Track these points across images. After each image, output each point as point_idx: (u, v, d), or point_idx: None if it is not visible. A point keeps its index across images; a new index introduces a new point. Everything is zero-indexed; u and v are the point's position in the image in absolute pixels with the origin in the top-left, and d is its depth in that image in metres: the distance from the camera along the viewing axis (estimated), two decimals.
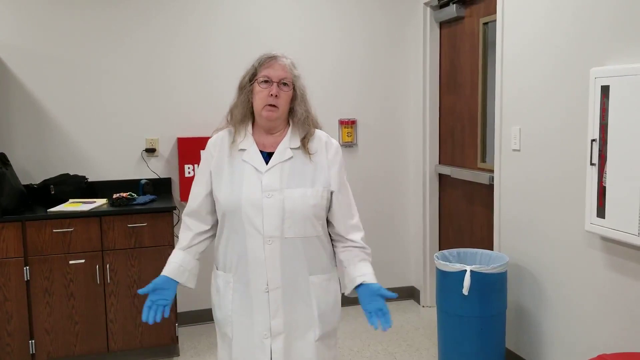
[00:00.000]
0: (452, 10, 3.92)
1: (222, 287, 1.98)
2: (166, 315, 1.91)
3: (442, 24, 4.23)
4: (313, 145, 1.96)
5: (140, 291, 1.89)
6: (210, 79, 4.01)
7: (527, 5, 3.08)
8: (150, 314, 1.87)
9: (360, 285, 1.94)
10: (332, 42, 4.27)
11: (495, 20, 3.41)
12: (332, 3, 4.25)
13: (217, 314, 2.03)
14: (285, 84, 1.90)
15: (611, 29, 2.54)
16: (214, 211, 2.01)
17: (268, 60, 1.93)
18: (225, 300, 1.97)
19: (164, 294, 1.92)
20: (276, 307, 1.90)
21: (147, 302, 1.89)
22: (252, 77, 1.94)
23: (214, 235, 2.05)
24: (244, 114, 1.96)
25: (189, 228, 2.02)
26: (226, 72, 3.93)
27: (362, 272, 1.96)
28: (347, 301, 4.46)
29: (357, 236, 2.01)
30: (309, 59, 4.20)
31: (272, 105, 1.88)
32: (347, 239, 1.99)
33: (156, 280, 1.92)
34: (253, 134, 1.97)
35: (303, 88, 1.97)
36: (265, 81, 1.89)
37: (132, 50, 3.91)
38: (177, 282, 1.97)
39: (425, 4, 4.20)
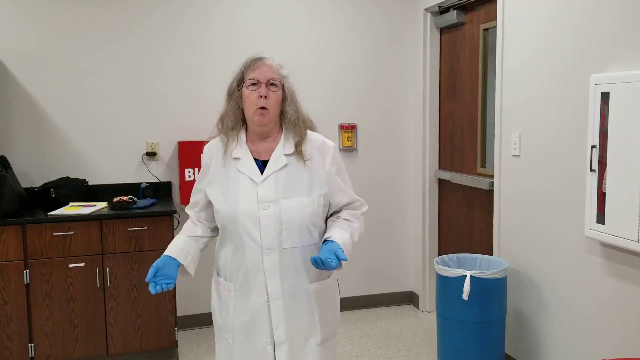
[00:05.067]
0: (452, 16, 3.94)
1: (223, 294, 1.98)
2: (170, 288, 1.82)
3: (443, 30, 4.25)
4: (307, 149, 1.93)
5: (147, 279, 1.79)
6: (210, 83, 4.01)
7: (528, 11, 3.10)
8: (157, 289, 1.79)
9: (325, 242, 1.88)
10: (332, 47, 4.28)
11: (495, 26, 3.42)
12: (333, 8, 4.26)
13: (217, 319, 2.02)
14: (273, 84, 1.89)
15: (612, 35, 2.55)
16: (211, 219, 2.03)
17: (254, 62, 1.91)
18: (226, 307, 1.97)
19: (168, 274, 1.84)
20: (278, 317, 1.90)
21: (151, 284, 1.80)
22: (239, 82, 1.92)
23: (212, 238, 2.07)
24: (235, 121, 1.94)
25: (195, 224, 2.04)
26: (227, 76, 3.93)
27: (330, 234, 1.89)
28: (347, 306, 4.49)
29: (350, 212, 2.02)
30: (310, 64, 4.21)
31: (262, 108, 1.86)
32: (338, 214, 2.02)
33: (157, 263, 1.84)
34: (247, 141, 1.95)
35: (292, 88, 1.95)
36: (253, 84, 1.88)
37: (133, 53, 3.91)
38: (179, 264, 1.90)
39: (426, 9, 4.22)
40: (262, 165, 1.92)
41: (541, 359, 3.10)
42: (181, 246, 1.95)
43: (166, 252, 1.92)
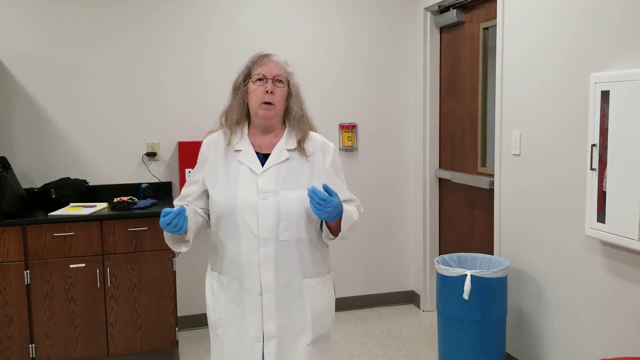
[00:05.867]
0: (452, 15, 3.94)
1: (216, 288, 1.98)
2: (181, 232, 1.77)
3: (443, 29, 4.24)
4: (309, 147, 1.96)
5: (171, 215, 1.72)
6: (211, 83, 4.01)
7: (528, 10, 3.09)
8: (171, 228, 1.73)
9: None
10: (333, 47, 4.28)
11: (495, 25, 3.42)
12: (333, 8, 4.26)
13: (210, 316, 2.02)
14: (279, 80, 1.92)
15: (612, 34, 2.55)
16: (204, 209, 2.02)
17: (261, 58, 1.94)
18: (218, 302, 1.97)
19: (181, 222, 1.76)
20: (269, 310, 1.90)
21: (169, 217, 1.72)
22: (245, 77, 1.95)
23: (204, 225, 2.04)
24: (240, 115, 1.97)
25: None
26: (228, 76, 3.93)
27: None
28: (348, 306, 4.49)
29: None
30: (310, 64, 4.21)
31: (268, 102, 1.89)
32: None
33: (176, 209, 1.75)
34: (249, 135, 1.97)
35: (297, 85, 1.98)
36: (260, 79, 1.91)
37: (133, 53, 3.91)
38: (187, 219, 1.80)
39: (426, 9, 4.21)
40: (263, 158, 1.94)
41: (542, 357, 3.10)
42: (190, 209, 1.92)
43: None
